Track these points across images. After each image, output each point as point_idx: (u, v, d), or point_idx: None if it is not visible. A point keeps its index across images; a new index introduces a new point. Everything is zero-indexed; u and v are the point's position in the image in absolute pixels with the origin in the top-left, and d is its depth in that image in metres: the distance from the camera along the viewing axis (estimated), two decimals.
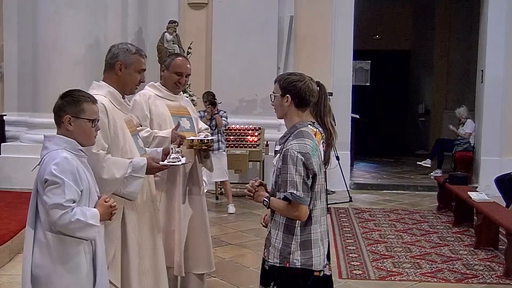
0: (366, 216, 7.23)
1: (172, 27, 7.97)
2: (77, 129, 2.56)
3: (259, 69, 8.61)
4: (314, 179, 2.65)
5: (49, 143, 2.53)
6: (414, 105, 14.01)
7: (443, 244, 5.94)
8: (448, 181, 7.16)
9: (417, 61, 13.98)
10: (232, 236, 6.15)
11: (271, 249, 2.70)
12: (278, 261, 2.67)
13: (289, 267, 2.65)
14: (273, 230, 2.71)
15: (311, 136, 2.72)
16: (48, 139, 2.55)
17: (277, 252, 2.67)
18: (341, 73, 8.99)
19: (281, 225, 2.68)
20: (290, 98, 2.69)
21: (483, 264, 5.28)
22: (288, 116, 2.74)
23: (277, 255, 2.68)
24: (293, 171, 2.57)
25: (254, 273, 4.92)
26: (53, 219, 2.40)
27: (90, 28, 7.06)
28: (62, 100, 2.58)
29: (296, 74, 2.79)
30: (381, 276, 4.94)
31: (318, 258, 2.70)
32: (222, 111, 7.33)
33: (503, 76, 8.89)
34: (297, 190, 2.56)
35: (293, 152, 2.58)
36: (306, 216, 2.64)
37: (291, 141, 2.65)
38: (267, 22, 8.72)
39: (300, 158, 2.58)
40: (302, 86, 2.69)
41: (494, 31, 8.87)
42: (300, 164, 2.57)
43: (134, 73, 3.11)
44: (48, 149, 2.51)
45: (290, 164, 2.57)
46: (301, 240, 2.66)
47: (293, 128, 2.71)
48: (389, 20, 13.46)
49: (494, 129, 8.95)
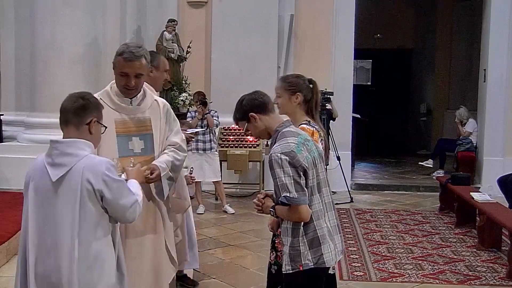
0: (367, 217, 7.19)
1: (171, 26, 7.94)
2: (96, 134, 2.48)
3: (259, 68, 8.58)
4: (306, 174, 2.63)
5: (73, 149, 2.37)
6: (415, 105, 13.96)
7: (445, 245, 5.91)
8: (450, 181, 7.13)
9: (419, 60, 13.94)
10: (231, 237, 6.12)
11: (284, 256, 2.70)
12: (290, 267, 2.66)
13: (303, 270, 2.63)
14: (284, 238, 2.70)
15: (295, 134, 2.71)
16: (69, 144, 2.38)
17: (288, 258, 2.66)
18: (342, 72, 8.97)
19: (288, 230, 2.67)
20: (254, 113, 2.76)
21: (485, 266, 5.24)
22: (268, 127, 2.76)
23: (288, 261, 2.66)
24: (281, 174, 2.56)
25: (254, 274, 4.89)
26: (134, 216, 2.45)
27: (88, 27, 7.00)
28: (87, 101, 2.44)
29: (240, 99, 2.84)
30: (383, 277, 4.90)
31: (329, 254, 2.69)
32: (213, 111, 7.29)
33: (506, 75, 8.85)
34: (289, 192, 2.55)
35: (276, 156, 2.58)
36: (308, 215, 2.62)
37: (274, 146, 2.66)
38: (267, 21, 8.69)
39: (285, 158, 2.56)
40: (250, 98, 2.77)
41: (497, 29, 8.83)
42: (286, 165, 2.56)
43: (117, 75, 3.01)
44: (78, 156, 2.36)
45: (277, 168, 2.57)
46: (308, 239, 2.65)
47: (275, 133, 2.73)
48: (390, 19, 13.41)
49: (497, 129, 8.93)
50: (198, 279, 4.71)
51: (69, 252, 2.33)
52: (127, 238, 3.04)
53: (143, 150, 3.07)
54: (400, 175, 10.39)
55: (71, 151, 2.37)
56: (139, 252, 3.08)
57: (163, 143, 3.15)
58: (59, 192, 2.35)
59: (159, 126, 3.13)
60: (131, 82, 2.97)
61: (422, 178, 9.89)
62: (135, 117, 3.08)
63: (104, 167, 2.37)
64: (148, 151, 3.08)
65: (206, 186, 8.42)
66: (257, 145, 8.11)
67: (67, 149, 2.37)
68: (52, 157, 2.39)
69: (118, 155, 2.99)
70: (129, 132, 3.04)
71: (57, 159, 2.37)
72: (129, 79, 2.97)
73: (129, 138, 3.04)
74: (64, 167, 2.35)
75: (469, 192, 6.40)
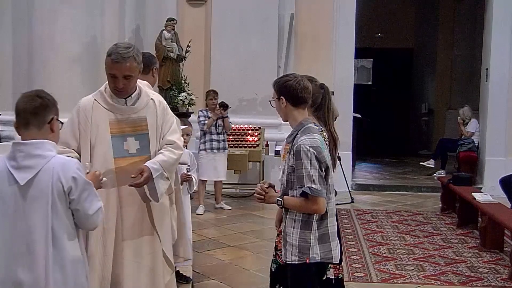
0: (368, 217, 7.16)
1: (170, 25, 7.89)
2: (57, 132, 2.42)
3: (259, 67, 8.55)
4: (327, 171, 2.74)
5: (41, 151, 2.29)
6: (417, 105, 13.94)
7: (446, 246, 5.88)
8: (452, 181, 7.11)
9: (420, 60, 13.91)
10: (231, 238, 6.08)
11: (288, 247, 2.74)
12: (297, 258, 2.71)
13: (309, 262, 2.70)
14: (289, 229, 2.75)
15: (317, 131, 2.85)
16: (36, 146, 2.29)
17: (296, 249, 2.71)
18: (343, 72, 8.96)
19: (297, 222, 2.73)
20: (284, 99, 2.80)
21: (488, 267, 5.21)
22: (290, 117, 2.84)
23: (295, 252, 2.71)
24: (308, 165, 2.65)
25: (254, 275, 4.86)
26: (97, 222, 2.42)
27: (86, 26, 6.95)
28: (46, 99, 2.37)
29: (288, 75, 2.90)
30: (384, 278, 4.87)
31: (337, 251, 2.80)
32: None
33: (508, 75, 8.83)
34: (314, 184, 2.65)
35: (305, 147, 2.66)
36: (324, 208, 2.71)
37: (300, 138, 2.72)
38: (267, 19, 8.66)
39: (313, 152, 2.67)
40: (293, 84, 2.78)
41: (499, 28, 8.81)
42: (313, 158, 2.66)
43: (107, 76, 2.97)
44: (46, 157, 2.29)
45: (304, 159, 2.65)
46: (319, 234, 2.73)
47: (299, 126, 2.79)
48: (391, 18, 13.38)
49: (499, 128, 8.91)
50: (197, 280, 4.67)
51: (44, 256, 2.27)
52: (124, 240, 3.00)
53: (138, 151, 3.01)
54: (401, 175, 10.38)
55: (39, 153, 2.29)
56: (137, 255, 3.04)
57: (159, 142, 3.09)
58: (28, 195, 2.27)
59: (155, 125, 3.07)
60: (119, 83, 2.91)
61: (423, 178, 9.87)
62: (130, 117, 3.02)
63: (75, 166, 2.35)
64: (144, 151, 3.02)
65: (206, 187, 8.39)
66: (257, 145, 8.09)
67: (34, 150, 2.29)
68: (17, 160, 2.28)
69: (113, 156, 2.95)
70: (124, 132, 2.99)
71: (24, 162, 2.28)
72: (117, 80, 2.91)
73: (124, 138, 2.98)
74: (32, 169, 2.27)
75: (471, 193, 6.38)
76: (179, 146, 3.15)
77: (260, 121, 8.41)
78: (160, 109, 3.11)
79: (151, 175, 2.93)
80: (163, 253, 3.14)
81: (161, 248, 3.14)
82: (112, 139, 2.96)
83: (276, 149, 8.02)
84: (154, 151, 3.06)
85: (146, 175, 2.91)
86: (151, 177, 2.93)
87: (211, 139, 7.20)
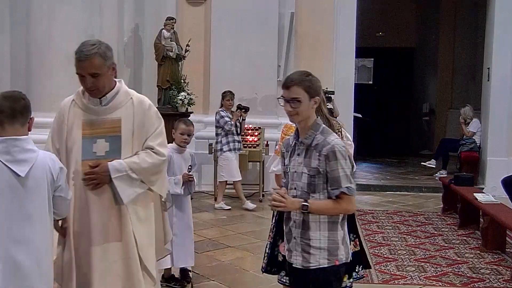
0: (369, 218, 7.13)
1: (169, 24, 7.87)
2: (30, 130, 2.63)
3: (259, 67, 8.54)
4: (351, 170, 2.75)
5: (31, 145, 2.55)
6: (418, 104, 13.92)
7: (448, 247, 5.86)
8: (453, 182, 7.09)
9: (422, 59, 13.89)
10: (230, 239, 6.06)
11: (315, 251, 2.64)
12: (326, 261, 2.64)
13: (338, 264, 2.65)
14: (315, 232, 2.65)
15: None
16: (27, 141, 2.54)
17: (325, 252, 2.64)
18: (343, 71, 8.94)
19: (323, 224, 2.65)
20: (319, 99, 2.73)
21: (489, 268, 5.19)
22: (310, 117, 2.72)
23: (325, 255, 2.64)
24: (344, 165, 2.61)
25: (254, 276, 4.84)
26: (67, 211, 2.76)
27: (85, 25, 6.91)
28: (27, 100, 2.61)
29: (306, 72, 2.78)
30: (385, 279, 4.85)
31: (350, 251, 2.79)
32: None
33: (510, 74, 8.79)
34: (351, 183, 2.63)
35: (340, 148, 2.63)
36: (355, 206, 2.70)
37: (327, 138, 2.65)
38: (267, 18, 8.64)
39: (344, 151, 2.65)
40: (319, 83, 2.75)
41: (501, 27, 8.79)
42: (347, 157, 2.65)
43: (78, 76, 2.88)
44: (36, 151, 2.55)
45: (341, 159, 2.61)
46: (344, 234, 2.71)
47: (316, 125, 2.71)
48: (392, 17, 13.36)
49: (501, 128, 8.88)
50: (197, 281, 4.64)
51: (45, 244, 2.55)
52: (92, 245, 2.84)
53: (107, 153, 2.85)
54: (402, 175, 10.37)
55: (30, 147, 2.54)
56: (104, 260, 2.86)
57: (134, 145, 2.90)
58: (27, 186, 2.50)
59: (131, 127, 2.88)
60: (87, 82, 2.81)
61: (424, 178, 9.85)
62: (103, 118, 2.88)
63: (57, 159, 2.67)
64: (113, 154, 2.85)
65: (205, 187, 8.35)
66: (257, 145, 8.05)
67: (27, 145, 2.53)
68: (12, 154, 2.49)
69: (81, 158, 2.84)
70: (95, 134, 2.86)
71: (20, 156, 2.50)
72: (85, 79, 2.81)
73: (93, 140, 2.86)
74: (28, 162, 2.50)
75: (473, 193, 6.36)
76: (159, 152, 2.94)
77: (260, 121, 8.38)
78: (139, 110, 2.91)
79: (108, 174, 2.80)
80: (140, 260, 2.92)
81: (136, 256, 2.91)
82: (83, 141, 2.86)
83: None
84: (128, 155, 2.88)
85: (97, 169, 2.79)
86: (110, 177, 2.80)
87: (233, 140, 7.33)
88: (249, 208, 7.29)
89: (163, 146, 2.97)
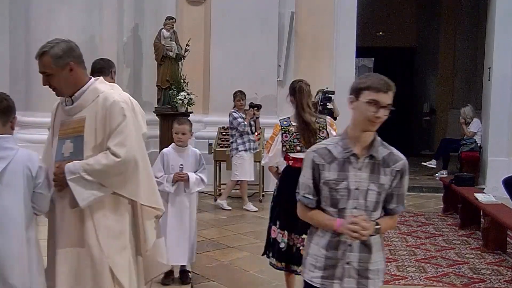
0: None
1: (169, 24, 7.86)
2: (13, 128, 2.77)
3: (259, 67, 8.53)
4: None
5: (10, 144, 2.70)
6: (419, 104, 13.90)
7: (449, 247, 5.84)
8: (454, 182, 7.08)
9: (422, 59, 13.87)
10: (230, 239, 6.04)
11: (373, 275, 2.40)
12: (381, 283, 2.48)
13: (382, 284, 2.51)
14: (374, 254, 2.41)
15: None
16: (6, 139, 2.70)
17: (381, 273, 2.46)
18: (344, 71, 8.90)
19: (378, 245, 2.44)
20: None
21: (490, 268, 5.17)
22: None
23: (381, 277, 2.46)
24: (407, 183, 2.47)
25: (254, 276, 4.83)
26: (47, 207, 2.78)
27: (84, 25, 6.92)
28: (11, 101, 2.73)
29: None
30: (385, 280, 4.70)
31: None
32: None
33: (511, 74, 8.77)
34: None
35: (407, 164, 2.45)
36: None
37: (393, 150, 2.51)
38: (267, 18, 8.63)
39: None
40: None
41: (501, 27, 8.77)
42: None
43: None
44: (14, 149, 2.69)
45: (407, 176, 2.45)
46: None
47: (377, 137, 2.58)
48: (393, 17, 13.34)
49: (502, 128, 8.86)
50: (197, 282, 4.63)
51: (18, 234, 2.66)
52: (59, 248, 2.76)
53: (71, 154, 2.73)
54: None
55: (9, 145, 2.68)
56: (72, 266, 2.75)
57: (100, 144, 2.74)
58: (2, 182, 2.63)
59: (94, 126, 2.73)
60: (43, 81, 2.74)
61: (425, 178, 9.82)
62: (72, 118, 2.79)
63: (37, 157, 2.77)
64: (77, 155, 2.72)
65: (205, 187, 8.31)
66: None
67: (5, 143, 2.68)
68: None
69: (54, 159, 2.78)
70: (64, 134, 2.78)
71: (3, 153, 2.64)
72: (43, 77, 2.74)
73: (63, 141, 2.78)
74: (5, 159, 2.64)
75: (473, 193, 6.35)
76: (115, 152, 2.69)
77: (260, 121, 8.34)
78: (102, 107, 2.73)
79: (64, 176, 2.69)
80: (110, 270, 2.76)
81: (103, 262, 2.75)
82: (58, 141, 2.80)
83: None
84: (91, 155, 2.73)
85: (56, 171, 2.70)
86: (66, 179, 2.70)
87: (249, 140, 7.35)
88: (250, 210, 7.27)
89: (121, 146, 2.70)
